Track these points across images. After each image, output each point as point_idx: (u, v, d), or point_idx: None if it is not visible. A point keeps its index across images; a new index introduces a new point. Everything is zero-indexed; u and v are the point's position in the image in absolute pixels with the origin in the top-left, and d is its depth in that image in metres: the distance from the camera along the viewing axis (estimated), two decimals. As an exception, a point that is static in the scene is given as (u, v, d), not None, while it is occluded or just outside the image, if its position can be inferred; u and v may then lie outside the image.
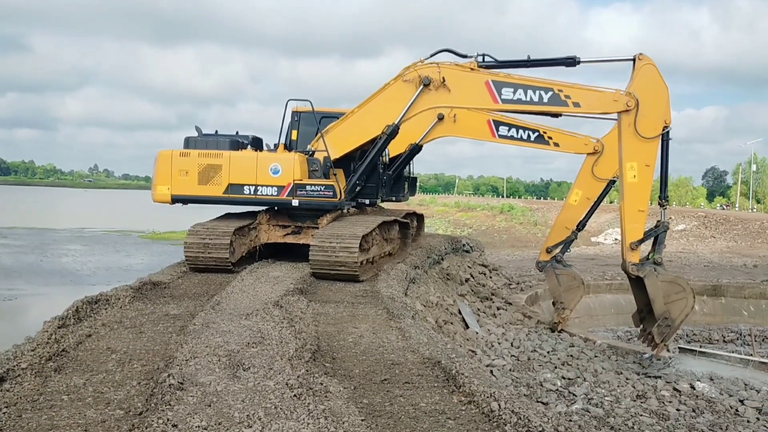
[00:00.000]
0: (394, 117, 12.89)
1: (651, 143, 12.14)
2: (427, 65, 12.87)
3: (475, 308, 15.65)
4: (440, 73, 12.72)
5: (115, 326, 7.73)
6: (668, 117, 12.17)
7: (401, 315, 8.87)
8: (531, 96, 12.54)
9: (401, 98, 12.90)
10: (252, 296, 9.58)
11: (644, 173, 12.27)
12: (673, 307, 12.15)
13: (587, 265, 25.34)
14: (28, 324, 17.25)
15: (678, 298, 12.21)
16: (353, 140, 13.23)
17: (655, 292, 12.19)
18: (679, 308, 12.15)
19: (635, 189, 12.34)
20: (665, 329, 12.18)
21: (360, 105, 13.26)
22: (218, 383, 5.64)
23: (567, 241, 15.71)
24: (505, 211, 76.15)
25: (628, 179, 12.26)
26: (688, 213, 54.55)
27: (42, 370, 5.97)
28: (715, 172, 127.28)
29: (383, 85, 13.15)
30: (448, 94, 12.81)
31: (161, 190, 12.48)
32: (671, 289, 12.24)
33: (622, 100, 12.18)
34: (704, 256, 31.68)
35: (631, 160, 12.21)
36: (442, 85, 12.71)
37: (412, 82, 12.80)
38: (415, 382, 6.26)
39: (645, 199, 12.53)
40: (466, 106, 13.49)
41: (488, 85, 12.64)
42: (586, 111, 12.69)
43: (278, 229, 13.08)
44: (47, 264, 33.66)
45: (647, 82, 12.17)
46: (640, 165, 12.20)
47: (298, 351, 6.55)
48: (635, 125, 12.07)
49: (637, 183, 12.32)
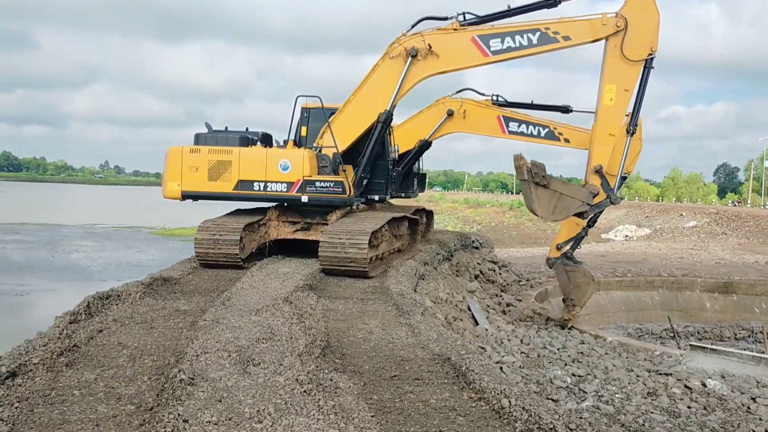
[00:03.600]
0: (387, 98, 12.91)
1: (634, 67, 12.30)
2: (411, 36, 12.93)
3: (485, 305, 15.61)
4: (425, 41, 12.79)
5: (126, 322, 7.76)
6: (655, 44, 12.33)
7: (411, 311, 8.86)
8: (520, 41, 12.63)
9: (391, 77, 12.96)
10: (262, 292, 9.60)
11: (622, 97, 12.45)
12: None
13: (597, 261, 25.22)
14: (39, 319, 17.35)
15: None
16: (354, 129, 13.24)
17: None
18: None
19: (610, 112, 12.55)
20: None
21: (354, 92, 13.26)
22: (228, 379, 5.66)
23: (577, 238, 15.60)
24: (514, 208, 75.88)
25: (605, 101, 12.51)
26: (699, 209, 54.15)
27: (53, 365, 6.00)
28: (727, 168, 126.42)
29: (372, 67, 13.18)
30: (437, 60, 12.89)
31: (171, 187, 12.53)
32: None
33: (611, 23, 12.38)
34: (715, 253, 31.46)
35: (610, 82, 12.40)
36: (429, 53, 12.77)
37: (399, 56, 12.85)
38: (424, 378, 6.25)
39: (617, 123, 12.65)
40: (458, 66, 13.36)
41: (475, 41, 12.77)
42: (577, 42, 12.64)
43: (288, 225, 13.09)
44: (58, 260, 33.89)
45: (639, 6, 12.34)
46: (619, 88, 12.38)
47: (308, 347, 6.56)
48: (621, 47, 12.20)
49: (613, 106, 12.51)
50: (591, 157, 12.68)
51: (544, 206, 12.00)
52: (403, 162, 15.93)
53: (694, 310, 21.59)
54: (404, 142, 16.19)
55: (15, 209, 71.28)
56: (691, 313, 21.41)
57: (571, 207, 12.12)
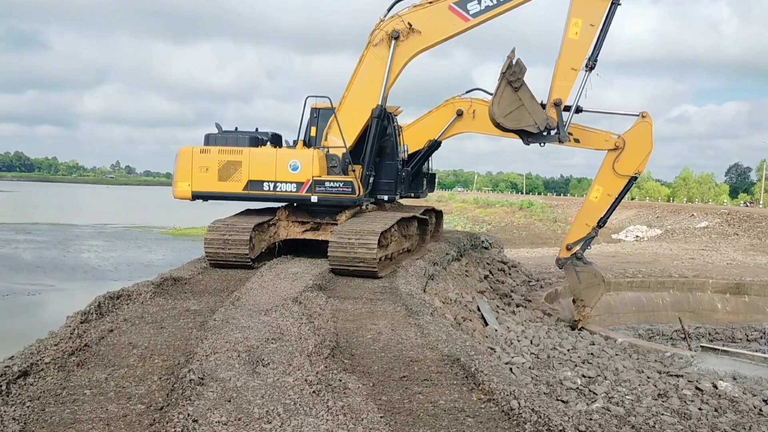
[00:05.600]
0: (378, 91, 13.06)
1: (602, 1, 12.93)
2: (389, 20, 13.16)
3: (494, 305, 15.58)
4: (404, 20, 13.00)
5: (136, 321, 7.80)
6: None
7: (420, 312, 8.86)
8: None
9: (378, 66, 13.13)
10: (271, 292, 9.62)
11: (587, 32, 12.98)
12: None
13: (608, 262, 25.10)
14: (51, 319, 17.51)
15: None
16: (353, 127, 13.33)
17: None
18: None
19: (574, 46, 12.87)
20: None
21: (346, 88, 13.41)
22: (238, 379, 5.67)
23: (587, 238, 15.54)
24: (524, 208, 75.80)
25: (570, 35, 12.90)
26: (710, 210, 53.78)
27: (65, 365, 6.04)
28: (739, 168, 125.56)
29: (359, 59, 13.31)
30: (420, 36, 13.08)
31: (182, 187, 12.58)
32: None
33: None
34: (727, 254, 31.24)
35: (577, 16, 12.92)
36: (411, 31, 12.97)
37: (382, 42, 13.05)
38: (434, 379, 6.24)
39: (581, 58, 12.98)
40: (442, 38, 13.42)
41: (452, 9, 13.02)
42: None
43: (297, 225, 13.11)
44: (70, 259, 34.11)
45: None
46: (585, 23, 12.93)
47: (317, 347, 6.57)
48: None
49: (578, 40, 12.87)
50: (552, 89, 12.99)
51: (502, 106, 12.30)
52: (412, 162, 15.90)
53: (706, 311, 21.45)
54: (414, 142, 16.16)
55: (27, 209, 71.83)
56: (702, 314, 21.27)
57: (523, 120, 12.38)
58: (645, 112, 14.83)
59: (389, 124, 14.30)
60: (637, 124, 14.81)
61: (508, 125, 12.58)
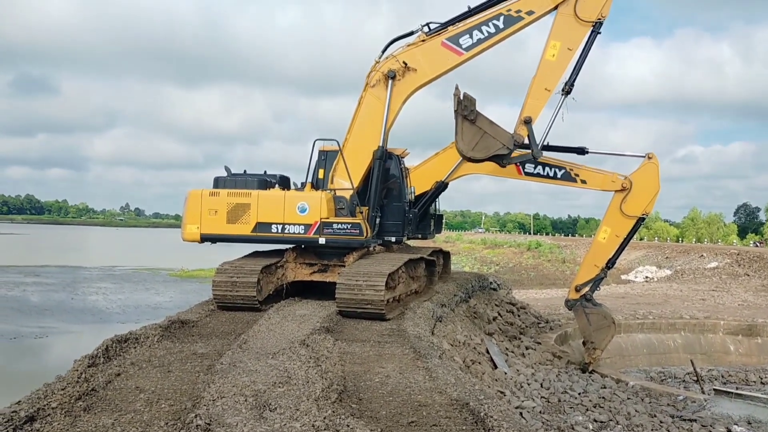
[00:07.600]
0: (378, 132, 13.31)
1: (582, 27, 13.14)
2: (384, 61, 13.47)
3: (503, 347, 15.42)
4: (398, 60, 13.29)
5: (143, 365, 7.77)
6: (606, 10, 13.31)
7: (428, 354, 8.78)
8: (487, 30, 13.21)
9: (377, 107, 13.41)
10: (279, 335, 9.58)
11: (564, 55, 13.08)
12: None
13: (618, 303, 24.89)
14: (58, 362, 17.43)
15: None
16: (358, 169, 13.47)
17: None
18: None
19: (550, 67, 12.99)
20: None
21: (348, 130, 13.63)
22: (245, 424, 5.62)
23: (596, 280, 15.46)
24: (532, 248, 75.51)
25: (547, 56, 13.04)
26: (720, 250, 53.42)
27: (72, 410, 6.00)
28: (747, 208, 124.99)
29: (357, 101, 13.61)
30: (415, 74, 13.38)
31: (191, 229, 12.66)
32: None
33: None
34: (738, 295, 30.92)
35: (556, 39, 13.04)
36: (406, 70, 13.28)
37: (379, 82, 13.39)
38: (442, 424, 6.15)
39: (555, 80, 13.09)
40: (437, 73, 13.62)
41: (445, 45, 13.29)
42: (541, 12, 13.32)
43: (305, 267, 13.13)
44: (78, 302, 34.13)
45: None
46: (563, 46, 13.06)
47: (325, 391, 6.51)
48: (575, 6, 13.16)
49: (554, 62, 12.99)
50: (523, 107, 13.03)
51: (466, 141, 12.19)
52: (419, 203, 15.98)
53: (718, 353, 21.14)
54: (420, 183, 16.27)
55: (36, 251, 72.20)
56: (714, 357, 20.96)
57: (491, 147, 12.25)
58: (651, 153, 14.94)
59: (395, 166, 14.42)
60: (644, 165, 14.91)
61: (479, 156, 12.64)
